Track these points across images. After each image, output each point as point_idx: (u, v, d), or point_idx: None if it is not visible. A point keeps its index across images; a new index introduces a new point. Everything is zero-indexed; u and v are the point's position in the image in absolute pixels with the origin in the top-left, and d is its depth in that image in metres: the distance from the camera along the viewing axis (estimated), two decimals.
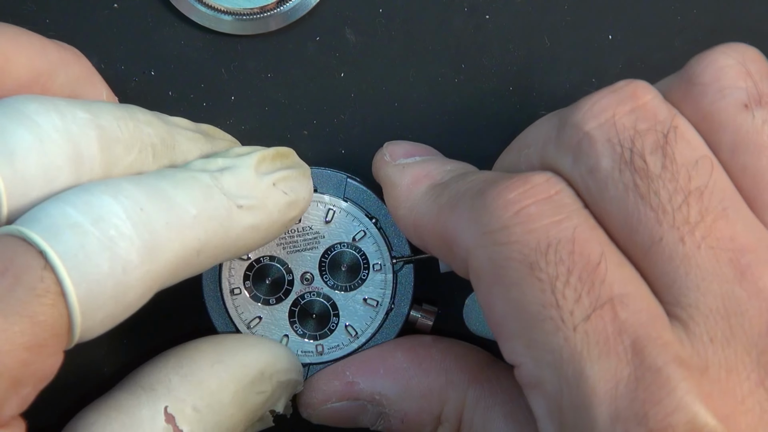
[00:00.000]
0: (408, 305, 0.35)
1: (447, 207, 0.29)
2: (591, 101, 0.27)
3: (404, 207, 0.31)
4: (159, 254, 0.27)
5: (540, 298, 0.25)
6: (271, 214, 0.30)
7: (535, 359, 0.26)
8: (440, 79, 0.37)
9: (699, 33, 0.38)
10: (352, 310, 0.35)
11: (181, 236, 0.28)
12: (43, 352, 0.25)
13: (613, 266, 0.25)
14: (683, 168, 0.26)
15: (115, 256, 0.26)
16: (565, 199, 0.26)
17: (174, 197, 0.28)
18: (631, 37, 0.38)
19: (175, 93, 0.37)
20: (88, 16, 0.37)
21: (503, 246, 0.26)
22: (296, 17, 0.37)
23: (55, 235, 0.26)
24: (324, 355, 0.35)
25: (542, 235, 0.26)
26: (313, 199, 0.35)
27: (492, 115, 0.38)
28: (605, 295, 0.25)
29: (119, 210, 0.26)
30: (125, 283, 0.26)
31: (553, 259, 0.25)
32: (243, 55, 0.37)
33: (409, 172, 0.32)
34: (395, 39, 0.37)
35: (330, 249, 0.35)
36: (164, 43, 0.37)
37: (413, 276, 0.35)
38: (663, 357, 0.24)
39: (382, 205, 0.35)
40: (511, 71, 0.37)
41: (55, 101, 0.28)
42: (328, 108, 0.37)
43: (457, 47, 0.37)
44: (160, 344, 0.37)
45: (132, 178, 0.28)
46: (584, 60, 0.37)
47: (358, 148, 0.37)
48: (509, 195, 0.26)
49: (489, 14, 0.37)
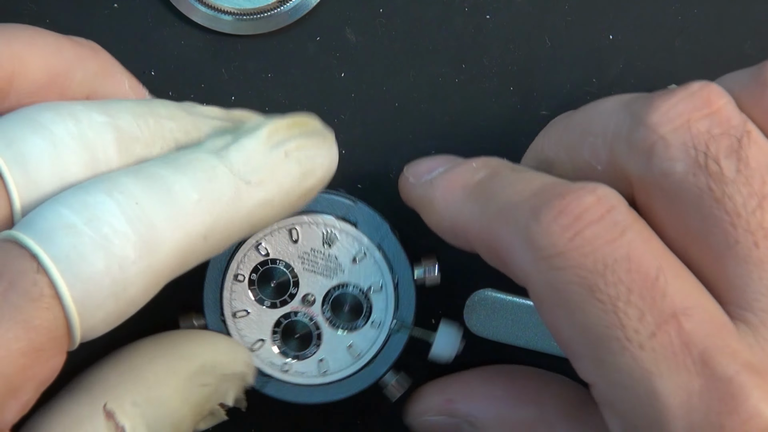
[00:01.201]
0: (385, 369, 0.35)
1: (497, 220, 0.28)
2: (667, 104, 0.27)
3: (447, 219, 0.31)
4: (159, 247, 0.27)
5: (603, 319, 0.25)
6: (282, 186, 0.29)
7: (605, 379, 0.26)
8: (440, 79, 0.37)
9: (699, 33, 0.38)
10: (333, 349, 0.35)
11: (183, 225, 0.27)
12: (42, 356, 0.25)
13: (672, 278, 0.26)
14: (757, 172, 0.26)
15: (110, 254, 0.26)
16: (617, 216, 0.26)
17: (173, 184, 0.27)
18: (631, 37, 0.38)
19: (175, 93, 0.37)
20: (88, 16, 0.37)
21: (561, 271, 0.26)
22: (296, 17, 0.37)
23: (48, 237, 0.25)
24: (287, 375, 0.35)
25: (599, 256, 0.26)
26: (353, 235, 0.35)
27: (492, 115, 0.38)
28: (668, 309, 0.25)
29: (113, 206, 0.26)
30: (124, 280, 0.26)
31: (612, 280, 0.25)
32: (243, 55, 0.37)
33: (439, 184, 0.31)
34: (395, 39, 0.37)
35: (343, 285, 0.35)
36: (164, 43, 0.37)
37: (404, 344, 0.35)
38: (733, 366, 0.24)
39: (410, 269, 0.35)
40: (512, 71, 0.37)
41: (71, 107, 0.28)
42: (328, 108, 0.37)
43: (458, 47, 0.37)
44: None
45: (131, 169, 0.28)
46: (584, 60, 0.37)
47: (358, 148, 0.37)
48: (564, 221, 0.26)
49: (489, 14, 0.37)
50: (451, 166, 0.32)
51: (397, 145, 0.37)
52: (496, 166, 0.31)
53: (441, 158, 0.33)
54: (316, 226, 0.34)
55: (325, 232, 0.34)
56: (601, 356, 0.25)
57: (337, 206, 0.35)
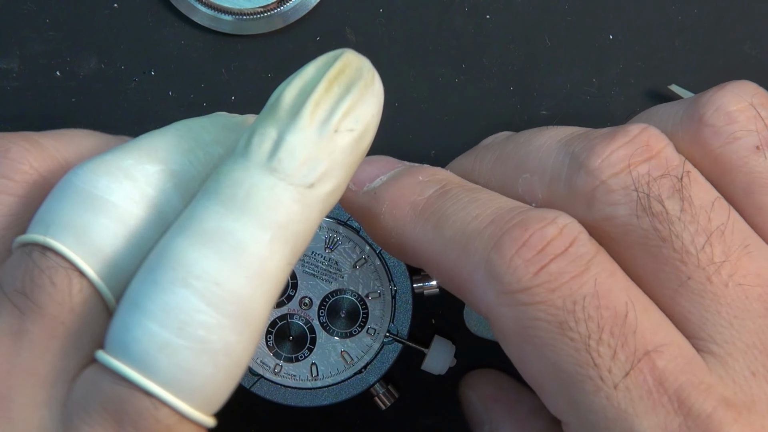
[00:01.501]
0: (376, 378, 0.35)
1: (453, 248, 0.27)
2: (608, 149, 0.27)
3: (395, 237, 0.30)
4: (252, 311, 0.26)
5: (575, 357, 0.25)
6: (343, 165, 0.27)
7: (580, 420, 0.25)
8: (440, 79, 0.37)
9: (699, 33, 0.38)
10: (326, 355, 0.35)
11: (265, 273, 0.26)
12: None
13: (641, 314, 0.25)
14: (701, 210, 0.26)
15: (214, 352, 0.25)
16: (581, 249, 0.26)
17: (240, 233, 0.25)
18: (631, 37, 0.38)
19: (175, 93, 0.37)
20: (88, 16, 0.37)
21: (528, 307, 0.26)
22: (296, 17, 0.37)
23: (150, 365, 0.25)
24: (278, 376, 0.35)
25: (566, 292, 0.25)
26: (355, 241, 0.35)
27: (492, 115, 0.38)
28: (640, 347, 0.25)
29: (196, 301, 0.25)
30: (236, 362, 0.26)
31: (582, 317, 0.25)
32: (243, 55, 0.37)
33: (384, 197, 0.30)
34: (395, 39, 0.37)
35: (341, 291, 0.35)
36: (164, 43, 0.37)
37: (396, 355, 0.35)
38: (710, 402, 0.24)
39: (408, 279, 0.35)
40: (511, 71, 0.37)
41: (120, 163, 0.27)
42: None
43: (457, 47, 0.37)
44: None
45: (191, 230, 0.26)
46: (584, 60, 0.37)
47: None
48: (527, 254, 0.26)
49: (489, 14, 0.37)
50: (394, 175, 0.31)
51: (397, 144, 0.37)
52: (444, 181, 0.30)
53: (380, 162, 0.32)
54: (319, 229, 0.34)
55: (327, 236, 0.34)
56: (574, 396, 0.25)
57: (341, 211, 0.35)
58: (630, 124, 0.28)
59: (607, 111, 0.38)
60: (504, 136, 0.33)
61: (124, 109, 0.37)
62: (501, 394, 0.34)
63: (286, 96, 0.27)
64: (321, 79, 0.27)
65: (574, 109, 0.38)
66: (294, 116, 0.27)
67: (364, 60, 0.28)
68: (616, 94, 0.38)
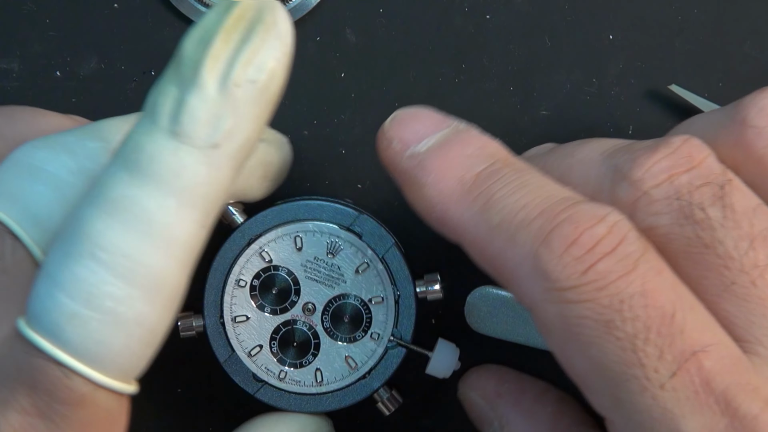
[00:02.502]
0: (380, 383, 0.35)
1: (500, 235, 0.27)
2: (650, 160, 0.27)
3: (439, 210, 0.29)
4: (164, 280, 0.26)
5: (621, 356, 0.25)
6: (251, 117, 0.26)
7: (625, 418, 0.25)
8: (440, 79, 0.37)
9: (699, 33, 0.38)
10: (330, 360, 0.35)
11: (176, 240, 0.26)
12: None
13: (688, 313, 0.25)
14: (744, 216, 0.26)
15: (124, 323, 0.26)
16: (629, 247, 0.26)
17: (145, 201, 0.26)
18: (631, 37, 0.38)
19: None
20: (88, 16, 0.37)
21: (575, 305, 0.25)
22: (296, 17, 0.37)
23: (60, 336, 0.25)
24: (282, 382, 0.35)
25: (614, 291, 0.25)
26: (357, 246, 0.35)
27: (492, 115, 0.38)
28: (687, 347, 0.25)
29: (104, 273, 0.25)
30: (150, 330, 0.26)
31: (629, 316, 0.25)
32: None
33: (430, 167, 0.29)
34: (395, 39, 0.37)
35: (344, 296, 0.35)
36: (164, 43, 0.37)
37: (400, 361, 0.35)
38: (757, 403, 0.24)
39: (412, 284, 0.35)
40: (511, 71, 0.37)
41: (63, 139, 0.28)
42: (328, 108, 0.37)
43: (457, 47, 0.37)
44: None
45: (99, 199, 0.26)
46: (584, 60, 0.37)
47: (359, 148, 0.37)
48: (576, 252, 0.26)
49: (489, 14, 0.37)
50: (441, 140, 0.29)
51: None
52: (494, 157, 0.29)
53: (426, 118, 0.30)
54: (321, 234, 0.34)
55: (329, 241, 0.34)
56: (620, 395, 0.25)
57: (343, 216, 0.34)
58: (672, 135, 0.28)
59: (607, 111, 0.38)
60: (547, 148, 0.33)
61: (124, 109, 0.37)
62: (504, 388, 0.34)
63: (185, 49, 0.27)
64: (219, 29, 0.26)
65: (574, 109, 0.38)
66: (193, 72, 0.26)
67: (266, 0, 0.27)
68: (616, 94, 0.38)
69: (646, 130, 0.37)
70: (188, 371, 0.37)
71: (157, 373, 0.30)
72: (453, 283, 0.36)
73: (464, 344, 0.37)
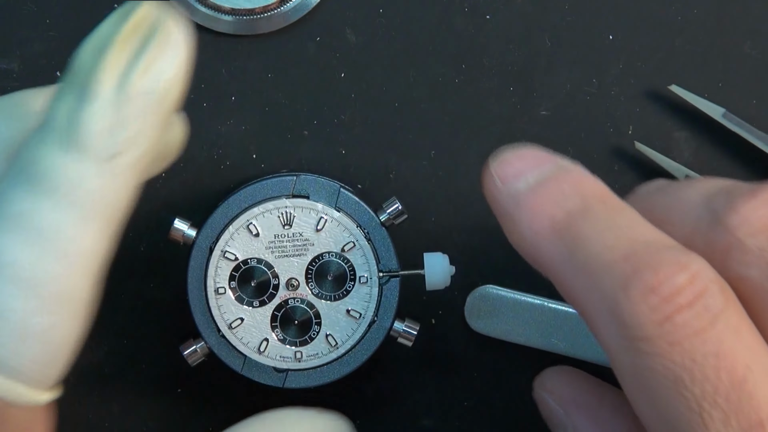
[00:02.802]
0: (391, 319, 0.35)
1: (584, 276, 0.27)
2: (747, 206, 0.27)
3: (529, 246, 0.29)
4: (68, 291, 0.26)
5: (687, 416, 0.25)
6: (149, 124, 0.26)
7: None
8: (440, 79, 0.37)
9: (699, 33, 0.38)
10: (335, 320, 0.35)
11: (77, 251, 0.26)
12: None
13: (761, 379, 0.25)
14: None
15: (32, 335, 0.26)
16: (709, 300, 0.25)
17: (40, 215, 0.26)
18: (631, 37, 0.38)
19: None
20: (88, 16, 0.37)
21: (646, 357, 0.25)
22: (296, 17, 0.37)
23: None
24: (302, 362, 0.35)
25: (687, 347, 0.25)
26: (308, 207, 0.35)
27: (492, 115, 0.38)
28: (754, 415, 0.24)
29: (7, 286, 0.25)
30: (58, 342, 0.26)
31: (698, 377, 0.25)
32: (243, 55, 0.37)
33: (525, 205, 0.29)
34: (395, 39, 0.37)
35: (318, 257, 0.35)
36: None
37: (398, 291, 0.35)
38: None
39: (374, 217, 0.35)
40: (511, 71, 0.37)
41: None
42: (328, 108, 0.37)
43: (457, 47, 0.37)
44: (161, 342, 0.37)
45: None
46: (584, 60, 0.37)
47: (359, 148, 0.37)
48: (654, 301, 0.25)
49: (489, 14, 0.37)
50: (539, 179, 0.29)
51: (397, 145, 0.37)
52: (588, 196, 0.29)
53: (527, 157, 0.30)
54: (270, 213, 0.34)
55: (280, 215, 0.34)
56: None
57: (283, 186, 0.34)
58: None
59: (607, 111, 0.38)
60: (656, 187, 0.32)
61: None
62: (581, 398, 0.34)
63: (81, 59, 0.26)
64: (114, 38, 0.26)
65: (574, 109, 0.38)
66: (88, 82, 0.26)
67: (162, 8, 0.27)
68: (616, 94, 0.38)
69: (646, 130, 0.37)
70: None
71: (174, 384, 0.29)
72: (452, 281, 0.37)
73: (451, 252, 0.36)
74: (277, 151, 0.37)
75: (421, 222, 0.35)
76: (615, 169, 0.37)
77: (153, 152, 0.27)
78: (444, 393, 0.37)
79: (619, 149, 0.37)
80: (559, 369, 0.34)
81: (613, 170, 0.37)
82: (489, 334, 0.37)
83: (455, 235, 0.37)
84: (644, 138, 0.37)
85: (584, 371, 0.35)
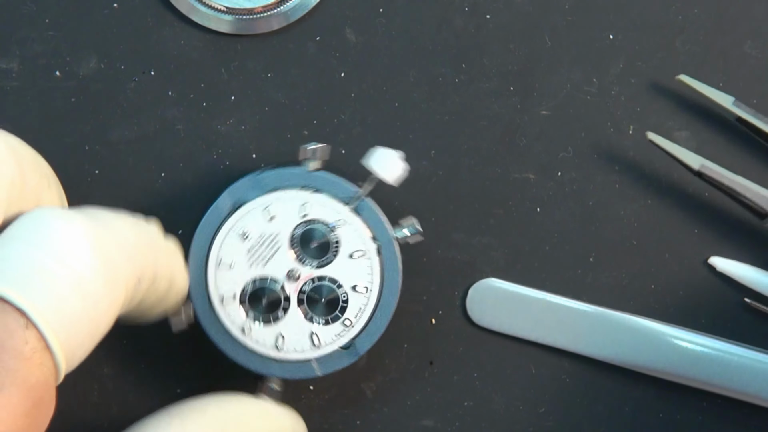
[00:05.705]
0: (400, 279, 0.34)
1: None
2: None
3: None
4: (118, 281, 0.27)
5: None
6: None
7: None
8: (440, 79, 0.37)
9: (699, 33, 0.38)
10: (352, 275, 0.34)
11: (128, 261, 0.27)
12: (42, 408, 0.25)
13: None
14: None
15: (86, 294, 0.26)
16: None
17: (112, 222, 0.28)
18: (631, 37, 0.38)
19: (175, 93, 0.37)
20: (88, 16, 0.37)
21: None
22: (296, 17, 0.37)
23: (27, 285, 0.25)
24: (319, 350, 0.35)
25: None
26: (285, 199, 0.34)
27: (492, 115, 0.38)
28: None
29: (80, 238, 0.26)
30: (98, 317, 0.26)
31: None
32: (243, 55, 0.37)
33: None
34: (395, 39, 0.37)
35: (308, 233, 0.34)
36: (164, 43, 0.37)
37: (398, 252, 0.35)
38: None
39: (338, 181, 0.34)
40: (511, 71, 0.37)
41: None
42: (328, 108, 0.37)
43: (457, 47, 0.37)
44: (158, 344, 0.37)
45: (71, 208, 0.27)
46: (584, 60, 0.37)
47: (358, 148, 0.37)
48: None
49: (489, 14, 0.37)
50: None
51: (397, 145, 0.37)
52: None
53: None
54: (254, 212, 0.34)
55: (263, 214, 0.34)
56: None
57: (250, 188, 0.34)
58: None
59: (607, 111, 0.38)
60: None
61: (124, 109, 0.37)
62: None
63: None
64: None
65: (574, 109, 0.38)
66: None
67: None
68: (616, 94, 0.38)
69: (646, 129, 0.37)
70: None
71: None
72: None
73: None
74: (277, 151, 0.37)
75: (421, 222, 0.35)
76: (615, 169, 0.37)
77: None
78: (444, 393, 0.37)
79: (620, 149, 0.37)
80: None
81: (613, 170, 0.37)
82: (490, 327, 0.37)
83: (455, 234, 0.37)
84: (644, 137, 0.37)
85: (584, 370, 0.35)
